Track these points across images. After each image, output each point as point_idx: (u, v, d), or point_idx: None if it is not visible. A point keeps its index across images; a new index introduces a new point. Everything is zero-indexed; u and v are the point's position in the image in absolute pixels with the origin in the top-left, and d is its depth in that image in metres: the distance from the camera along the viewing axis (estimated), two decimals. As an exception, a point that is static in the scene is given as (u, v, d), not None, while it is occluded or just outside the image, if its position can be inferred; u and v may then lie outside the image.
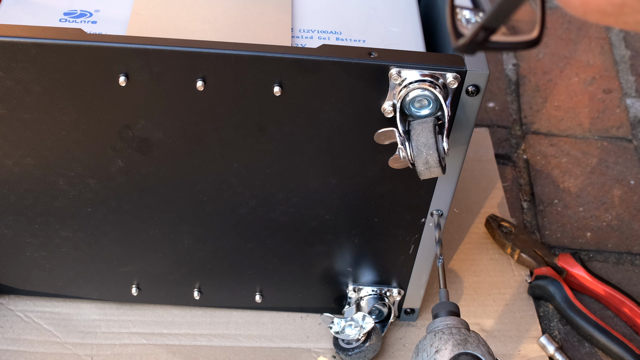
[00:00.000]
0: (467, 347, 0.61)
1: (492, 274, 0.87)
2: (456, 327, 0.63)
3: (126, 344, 0.78)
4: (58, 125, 0.62)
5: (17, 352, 0.76)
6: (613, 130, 1.04)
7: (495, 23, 0.39)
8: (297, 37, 0.66)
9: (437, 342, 0.62)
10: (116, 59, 0.58)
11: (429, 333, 0.63)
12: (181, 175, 0.66)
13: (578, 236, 0.92)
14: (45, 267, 0.75)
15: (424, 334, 0.81)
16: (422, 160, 0.59)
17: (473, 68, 0.59)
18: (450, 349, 0.61)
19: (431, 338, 0.63)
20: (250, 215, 0.70)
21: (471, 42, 0.40)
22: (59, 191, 0.68)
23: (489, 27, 0.40)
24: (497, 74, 1.10)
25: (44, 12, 0.66)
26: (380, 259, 0.75)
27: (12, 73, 0.59)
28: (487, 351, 0.62)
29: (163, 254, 0.74)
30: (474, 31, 0.40)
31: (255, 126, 0.62)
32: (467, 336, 0.62)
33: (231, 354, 0.78)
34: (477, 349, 0.61)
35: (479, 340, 0.62)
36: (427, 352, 0.62)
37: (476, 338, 0.62)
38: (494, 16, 0.39)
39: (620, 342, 0.79)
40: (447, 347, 0.61)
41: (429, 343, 0.62)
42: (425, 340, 0.63)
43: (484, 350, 0.61)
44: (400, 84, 0.59)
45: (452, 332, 0.62)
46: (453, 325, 0.63)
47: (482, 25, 0.40)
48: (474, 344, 0.61)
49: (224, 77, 0.59)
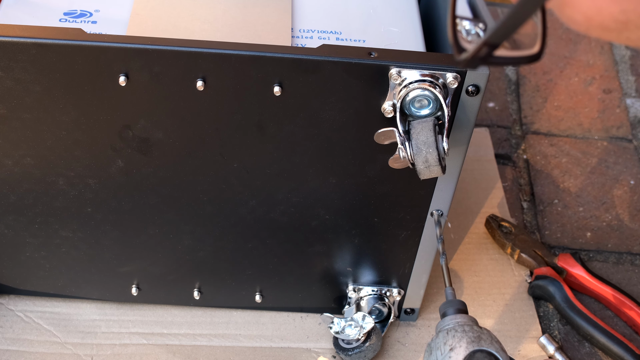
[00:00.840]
0: (481, 344, 0.61)
1: (492, 274, 0.87)
2: (468, 324, 0.62)
3: (126, 344, 0.78)
4: (58, 125, 0.62)
5: (17, 352, 0.76)
6: (613, 130, 1.04)
7: (498, 39, 0.39)
8: (297, 37, 0.66)
9: (450, 340, 0.61)
10: (116, 58, 0.58)
11: (441, 331, 0.63)
12: (181, 175, 0.66)
13: (578, 236, 0.92)
14: (45, 267, 0.75)
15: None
16: (421, 159, 0.59)
17: (473, 68, 0.59)
18: (465, 347, 0.60)
19: (444, 336, 0.62)
20: (250, 215, 0.70)
21: (474, 57, 0.40)
22: (59, 191, 0.68)
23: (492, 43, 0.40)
24: (497, 74, 1.10)
25: (44, 12, 0.66)
26: (380, 259, 0.75)
27: (12, 73, 0.59)
28: (500, 347, 0.61)
29: (163, 254, 0.74)
30: (477, 47, 0.40)
31: (255, 126, 0.62)
32: (480, 333, 0.62)
33: (231, 354, 0.78)
34: (491, 346, 0.61)
35: (492, 337, 0.62)
36: (442, 350, 0.61)
37: (489, 335, 0.62)
38: (497, 32, 0.39)
39: (620, 342, 0.79)
40: (461, 344, 0.61)
41: (443, 341, 0.62)
42: (438, 339, 0.63)
43: (497, 347, 0.61)
44: (400, 84, 0.59)
45: (465, 329, 0.62)
46: (465, 322, 0.63)
47: (485, 42, 0.40)
48: (487, 341, 0.61)
49: (224, 77, 0.59)
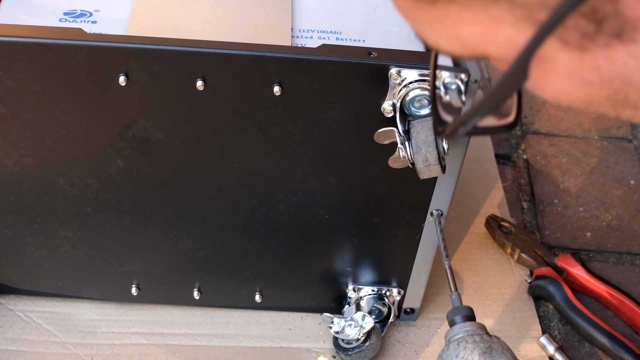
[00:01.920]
0: (492, 354, 0.59)
1: (492, 274, 0.87)
2: (478, 333, 0.61)
3: (126, 344, 0.78)
4: (58, 125, 0.62)
5: (17, 352, 0.76)
6: (613, 130, 1.04)
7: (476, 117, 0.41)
8: (297, 37, 0.66)
9: (462, 352, 0.60)
10: (116, 58, 0.58)
11: (452, 342, 0.62)
12: (181, 175, 0.66)
13: (578, 236, 0.92)
14: (45, 267, 0.75)
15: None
16: (421, 158, 0.59)
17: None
18: (478, 359, 0.60)
19: (455, 348, 0.61)
20: (250, 215, 0.70)
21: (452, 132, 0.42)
22: (59, 191, 0.68)
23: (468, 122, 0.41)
24: (497, 74, 1.10)
25: (44, 12, 0.66)
26: (380, 259, 0.75)
27: (12, 73, 0.59)
28: (511, 355, 0.60)
29: (163, 254, 0.74)
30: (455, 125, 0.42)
31: (255, 126, 0.62)
32: (491, 342, 0.60)
33: (231, 354, 0.78)
34: (502, 355, 0.60)
35: (502, 346, 0.61)
36: None
37: (499, 343, 0.61)
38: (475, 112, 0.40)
39: (620, 342, 0.79)
40: (473, 357, 0.60)
41: (454, 353, 0.61)
42: (449, 351, 0.61)
43: (509, 356, 0.60)
44: (400, 84, 0.59)
45: (476, 339, 0.61)
46: (474, 331, 0.61)
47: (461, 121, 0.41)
48: (499, 351, 0.60)
49: (224, 77, 0.59)
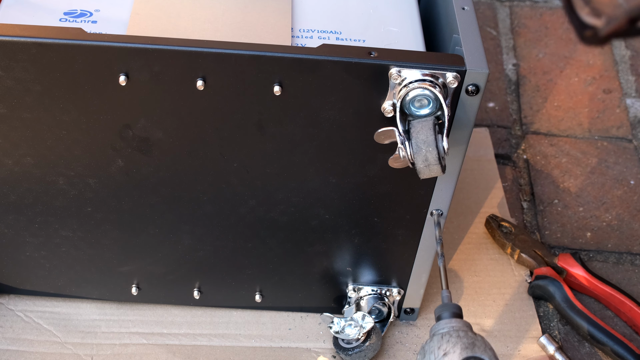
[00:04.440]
0: (475, 350, 0.60)
1: (492, 274, 0.87)
2: (462, 329, 0.62)
3: (126, 344, 0.78)
4: (58, 124, 0.62)
5: (17, 352, 0.76)
6: (613, 130, 1.04)
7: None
8: (297, 37, 0.66)
9: (444, 345, 0.61)
10: (116, 58, 0.58)
11: (436, 335, 0.62)
12: (181, 174, 0.66)
13: (578, 236, 0.92)
14: (45, 266, 0.75)
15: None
16: (421, 158, 0.59)
17: (473, 67, 0.59)
18: (459, 352, 0.60)
19: (438, 340, 0.62)
20: (250, 215, 0.70)
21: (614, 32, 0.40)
22: (59, 190, 0.68)
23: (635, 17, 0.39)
24: (497, 74, 1.10)
25: (44, 12, 0.66)
26: (380, 259, 0.75)
27: (12, 72, 0.59)
28: (493, 355, 0.61)
29: (163, 254, 0.74)
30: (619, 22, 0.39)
31: (255, 126, 0.62)
32: (474, 339, 0.62)
33: (231, 354, 0.78)
34: (484, 353, 0.61)
35: (485, 344, 0.62)
36: (435, 354, 0.61)
37: (482, 341, 0.62)
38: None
39: (620, 342, 0.79)
40: (455, 350, 0.60)
41: (437, 345, 0.62)
42: (432, 342, 0.62)
43: (490, 354, 0.61)
44: (400, 84, 0.59)
45: (460, 335, 0.62)
46: (459, 327, 0.62)
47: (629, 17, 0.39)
48: (481, 348, 0.61)
49: (224, 77, 0.59)
